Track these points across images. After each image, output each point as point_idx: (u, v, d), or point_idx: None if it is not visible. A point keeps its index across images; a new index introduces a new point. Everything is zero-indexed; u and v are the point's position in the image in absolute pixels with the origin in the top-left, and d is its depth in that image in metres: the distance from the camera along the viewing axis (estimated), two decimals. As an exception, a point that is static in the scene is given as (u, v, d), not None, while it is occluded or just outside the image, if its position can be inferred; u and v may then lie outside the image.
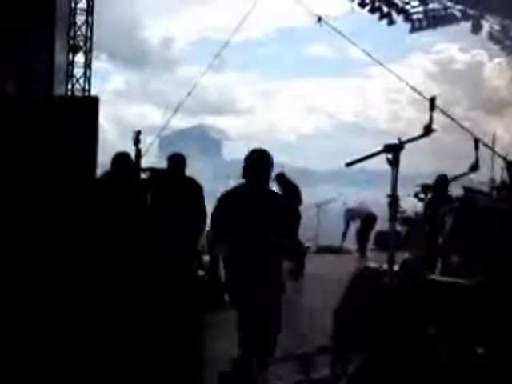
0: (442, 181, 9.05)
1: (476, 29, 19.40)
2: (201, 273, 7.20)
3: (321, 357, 4.25)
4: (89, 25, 12.72)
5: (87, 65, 12.64)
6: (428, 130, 3.55)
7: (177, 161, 6.67)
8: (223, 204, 4.88)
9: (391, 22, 18.01)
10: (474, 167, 8.60)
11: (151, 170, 7.09)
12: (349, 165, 3.61)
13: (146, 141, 7.26)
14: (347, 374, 3.31)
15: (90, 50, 12.59)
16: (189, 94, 9.49)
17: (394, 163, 3.42)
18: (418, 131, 3.61)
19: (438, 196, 8.99)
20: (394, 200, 3.58)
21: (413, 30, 18.95)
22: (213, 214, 4.93)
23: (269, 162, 4.82)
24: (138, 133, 7.55)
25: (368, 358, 3.23)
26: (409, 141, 3.47)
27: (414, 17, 18.51)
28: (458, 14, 18.74)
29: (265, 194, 4.83)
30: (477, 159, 8.48)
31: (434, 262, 8.58)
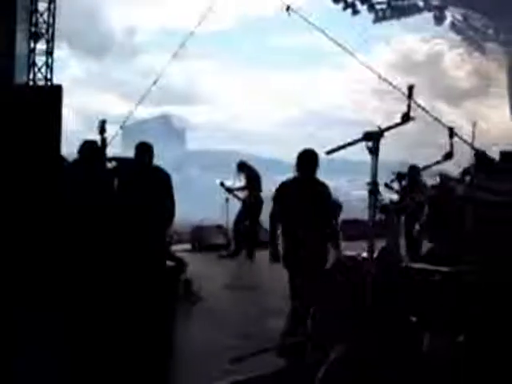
0: (415, 170, 9.46)
1: (439, 19, 19.65)
2: (170, 263, 7.13)
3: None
4: (51, 12, 12.29)
5: (49, 53, 12.24)
6: (406, 118, 3.56)
7: (144, 150, 6.52)
8: (281, 190, 6.02)
9: (355, 12, 18.08)
10: (449, 155, 8.68)
11: (118, 159, 6.96)
12: (329, 153, 3.62)
13: (108, 130, 7.08)
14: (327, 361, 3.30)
15: (53, 38, 12.19)
16: (154, 82, 9.36)
17: (374, 151, 3.42)
18: (382, 120, 3.64)
19: (412, 184, 9.39)
20: (374, 187, 3.58)
21: (376, 20, 19.07)
22: (273, 198, 6.08)
23: (316, 159, 5.88)
24: (103, 122, 7.41)
25: (349, 347, 3.23)
26: (388, 129, 3.47)
27: (378, 7, 18.63)
28: (422, 4, 18.97)
29: (313, 183, 5.97)
30: (451, 147, 8.53)
31: (410, 249, 8.70)
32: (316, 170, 5.95)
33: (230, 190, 12.16)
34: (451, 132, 8.41)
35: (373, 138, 3.35)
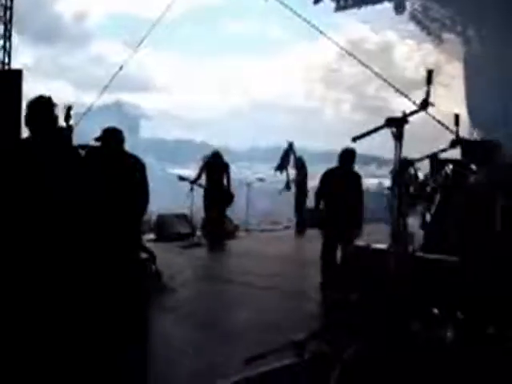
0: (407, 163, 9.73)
1: (399, 9, 19.78)
2: (143, 255, 6.91)
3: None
4: (8, -7, 11.71)
5: (7, 37, 11.63)
6: (425, 104, 3.46)
7: (115, 136, 6.17)
8: (325, 176, 8.10)
9: (317, 0, 17.99)
10: (456, 142, 8.61)
11: (87, 147, 6.62)
12: (355, 139, 3.54)
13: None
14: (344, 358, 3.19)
15: (10, 21, 11.59)
16: (120, 68, 9.05)
17: (398, 137, 3.33)
18: (331, 108, 3.57)
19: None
20: (398, 174, 3.50)
21: (338, 8, 19.05)
22: (320, 180, 8.14)
23: (353, 155, 7.93)
24: (69, 108, 7.11)
25: (363, 343, 3.12)
26: (410, 114, 3.38)
27: (340, -5, 18.61)
28: (382, -7, 19.02)
29: (349, 172, 8.05)
30: (457, 135, 8.45)
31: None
32: (353, 162, 8.02)
33: (192, 182, 11.97)
34: (457, 119, 8.37)
35: (396, 125, 3.25)
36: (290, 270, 10.26)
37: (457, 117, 7.48)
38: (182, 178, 12.04)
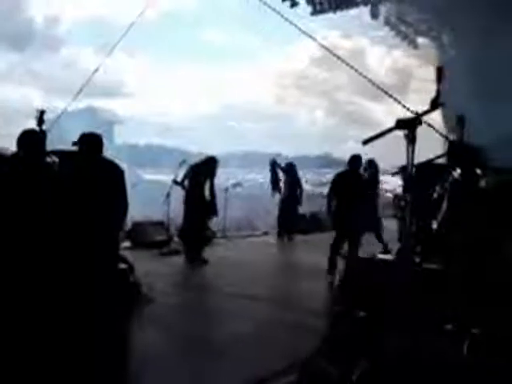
0: (373, 164, 11.61)
1: (374, 14, 19.76)
2: (122, 266, 6.63)
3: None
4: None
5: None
6: (435, 104, 3.29)
7: (92, 142, 5.85)
8: (337, 177, 9.40)
9: (294, 4, 17.83)
10: (456, 143, 8.50)
11: (61, 152, 6.31)
12: (365, 142, 3.34)
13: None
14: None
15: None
16: (96, 69, 8.72)
17: (412, 140, 3.13)
18: (304, 114, 3.40)
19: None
20: (410, 178, 3.31)
21: (314, 12, 18.93)
22: (331, 182, 9.42)
23: (360, 160, 9.38)
24: (42, 112, 6.89)
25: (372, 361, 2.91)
26: (421, 115, 3.19)
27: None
28: (358, -3, 18.96)
29: (357, 175, 9.45)
30: (462, 135, 8.33)
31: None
32: (360, 166, 9.60)
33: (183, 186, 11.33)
34: (461, 120, 8.28)
35: (408, 126, 3.06)
36: (275, 277, 10.06)
37: (460, 119, 7.32)
38: (177, 183, 11.51)
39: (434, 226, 5.31)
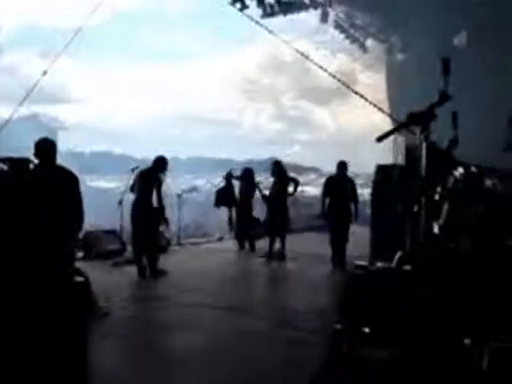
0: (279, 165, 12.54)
1: (324, 17, 19.82)
2: (79, 278, 6.25)
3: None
4: None
5: None
6: (445, 96, 3.15)
7: (47, 149, 5.51)
8: (327, 180, 11.25)
9: (244, 7, 17.65)
10: (454, 142, 8.42)
11: (11, 160, 5.94)
12: (379, 139, 3.21)
13: None
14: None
15: None
16: (44, 72, 8.34)
17: (424, 133, 2.99)
18: (251, 118, 3.24)
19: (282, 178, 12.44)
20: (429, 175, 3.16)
21: (264, 15, 18.81)
22: (324, 183, 11.27)
23: (346, 165, 11.12)
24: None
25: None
26: (432, 108, 3.05)
27: (266, 2, 18.37)
28: (308, 1, 18.95)
29: (344, 177, 11.08)
30: (456, 135, 8.24)
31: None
32: (346, 170, 11.13)
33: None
34: (454, 117, 8.18)
35: (421, 121, 2.91)
36: (234, 285, 9.82)
37: (454, 114, 7.19)
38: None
39: (435, 229, 5.17)
